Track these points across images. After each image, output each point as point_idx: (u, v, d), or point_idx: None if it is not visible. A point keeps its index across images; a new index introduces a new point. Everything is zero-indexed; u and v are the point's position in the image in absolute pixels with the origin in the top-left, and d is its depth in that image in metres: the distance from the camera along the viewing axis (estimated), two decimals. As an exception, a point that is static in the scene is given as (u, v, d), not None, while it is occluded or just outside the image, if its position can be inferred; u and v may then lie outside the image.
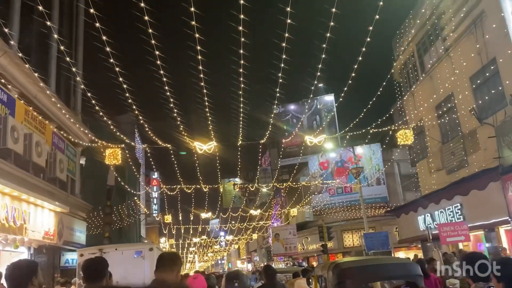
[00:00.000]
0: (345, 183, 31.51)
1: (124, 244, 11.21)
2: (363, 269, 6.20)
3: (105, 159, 11.56)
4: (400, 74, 21.85)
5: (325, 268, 6.70)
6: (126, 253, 8.25)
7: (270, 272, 6.37)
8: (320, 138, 11.42)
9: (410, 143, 13.46)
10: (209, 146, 11.21)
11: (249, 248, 60.73)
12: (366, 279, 6.37)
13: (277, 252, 33.01)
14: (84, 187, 22.61)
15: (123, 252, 8.25)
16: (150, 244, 8.31)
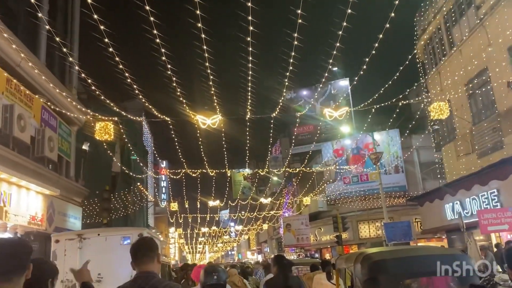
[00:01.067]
0: (361, 171, 29.91)
1: (109, 228, 9.78)
2: (402, 262, 4.65)
3: (96, 133, 10.18)
4: (424, 51, 20.10)
5: (350, 260, 5.24)
6: (111, 239, 6.87)
7: (283, 263, 5.42)
8: (341, 112, 9.88)
9: (445, 117, 11.85)
10: (213, 120, 9.78)
11: (259, 239, 59.53)
12: (405, 274, 4.84)
13: (289, 243, 31.60)
14: (87, 173, 21.53)
15: (107, 238, 6.86)
16: (140, 229, 6.96)
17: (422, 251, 5.64)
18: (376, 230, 28.15)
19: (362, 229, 28.93)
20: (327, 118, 10.12)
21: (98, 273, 6.47)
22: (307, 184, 31.22)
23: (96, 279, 6.47)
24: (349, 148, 29.87)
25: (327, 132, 34.68)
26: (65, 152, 14.10)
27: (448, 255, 4.87)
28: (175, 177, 19.28)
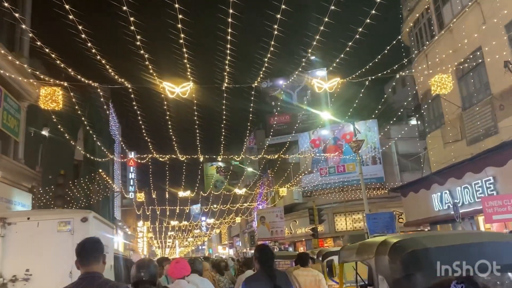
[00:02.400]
0: (338, 162, 28.95)
1: (43, 211, 7.96)
2: (451, 251, 3.24)
3: (40, 101, 8.44)
4: (410, 35, 19.10)
5: (367, 251, 3.78)
6: (45, 225, 5.24)
7: (266, 257, 4.35)
8: (332, 82, 8.54)
9: (448, 92, 10.73)
10: (184, 89, 8.28)
11: (231, 233, 58.20)
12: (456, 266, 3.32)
13: (262, 237, 30.26)
14: (47, 160, 19.62)
15: (40, 223, 5.23)
16: (83, 212, 5.38)
17: (477, 237, 3.94)
18: (353, 223, 27.27)
19: (339, 221, 27.98)
20: (316, 89, 8.77)
21: (26, 269, 4.93)
22: (283, 175, 30.04)
23: (23, 277, 4.91)
24: (326, 139, 28.83)
25: (304, 123, 33.55)
26: (12, 129, 12.25)
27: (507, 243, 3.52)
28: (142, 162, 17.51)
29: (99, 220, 5.61)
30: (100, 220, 5.64)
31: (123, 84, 8.17)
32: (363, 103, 23.53)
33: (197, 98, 8.98)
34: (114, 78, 8.11)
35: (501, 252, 3.11)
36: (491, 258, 3.04)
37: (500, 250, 3.16)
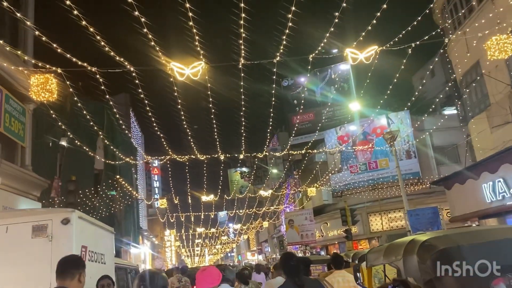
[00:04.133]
0: (369, 158, 27.28)
1: (13, 212, 6.55)
2: (487, 248, 2.93)
3: (31, 91, 7.37)
4: (442, 13, 17.47)
5: (395, 252, 3.50)
6: (15, 230, 4.03)
7: (291, 266, 3.97)
8: (369, 52, 7.18)
9: (509, 56, 9.16)
10: (195, 70, 7.08)
11: (259, 238, 56.84)
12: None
13: (292, 241, 28.85)
14: (66, 171, 19.12)
15: (9, 228, 4.03)
16: (63, 212, 4.16)
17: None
18: (390, 222, 25.50)
19: (373, 221, 26.26)
20: (350, 60, 7.42)
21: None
22: (310, 176, 28.56)
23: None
24: (355, 134, 27.22)
25: (329, 120, 32.04)
26: (16, 133, 11.32)
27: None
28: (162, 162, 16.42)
29: (88, 222, 4.41)
30: (89, 222, 4.44)
31: (124, 67, 7.04)
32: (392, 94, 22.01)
33: (210, 82, 7.79)
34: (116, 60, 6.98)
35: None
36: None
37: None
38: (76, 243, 3.97)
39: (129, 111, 39.89)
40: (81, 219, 4.19)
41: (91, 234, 4.40)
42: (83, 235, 4.17)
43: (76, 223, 4.04)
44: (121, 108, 37.82)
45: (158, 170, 52.87)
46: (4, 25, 10.82)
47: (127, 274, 6.09)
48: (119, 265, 5.70)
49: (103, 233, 4.91)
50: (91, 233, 4.40)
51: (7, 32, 10.90)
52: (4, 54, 9.25)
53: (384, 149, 26.03)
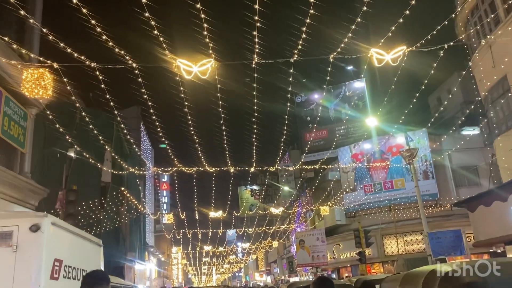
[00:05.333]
0: (384, 178, 26.27)
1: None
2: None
3: (22, 86, 6.73)
4: (466, 26, 16.73)
5: (410, 282, 3.21)
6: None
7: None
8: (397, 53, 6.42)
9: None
10: (203, 68, 6.42)
11: (268, 258, 55.44)
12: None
13: (303, 262, 27.70)
14: (73, 183, 18.73)
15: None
16: (33, 216, 3.49)
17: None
18: (405, 245, 24.29)
19: (388, 244, 25.07)
20: (375, 63, 6.69)
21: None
22: (322, 194, 27.61)
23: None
24: (369, 152, 26.29)
25: (343, 137, 31.17)
26: (15, 138, 10.74)
27: None
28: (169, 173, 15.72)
29: (65, 230, 3.66)
30: (66, 230, 3.69)
31: (127, 63, 6.41)
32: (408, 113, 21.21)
33: (220, 82, 7.11)
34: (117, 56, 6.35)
35: None
36: None
37: None
38: (47, 255, 3.24)
39: (139, 125, 39.54)
40: (56, 226, 3.45)
41: (69, 245, 3.65)
42: (58, 246, 3.43)
43: (48, 230, 3.31)
44: (132, 121, 37.55)
45: (167, 186, 52.20)
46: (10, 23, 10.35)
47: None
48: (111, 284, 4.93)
49: (87, 245, 4.15)
50: (68, 244, 3.65)
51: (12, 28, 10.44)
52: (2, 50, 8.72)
53: (400, 168, 25.06)
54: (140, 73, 6.74)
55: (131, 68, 6.62)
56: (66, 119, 20.06)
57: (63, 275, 3.44)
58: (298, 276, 34.41)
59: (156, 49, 6.70)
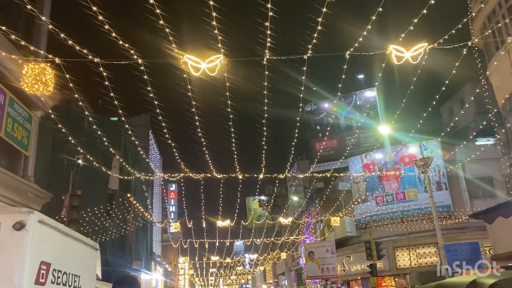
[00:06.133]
0: (396, 189, 25.66)
1: None
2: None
3: (22, 81, 6.43)
4: (483, 31, 16.29)
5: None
6: None
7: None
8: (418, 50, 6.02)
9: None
10: (212, 64, 6.08)
11: (276, 270, 54.60)
12: None
13: (312, 274, 27.06)
14: (79, 190, 18.61)
15: None
16: (19, 213, 3.15)
17: None
18: (418, 258, 23.56)
19: (400, 256, 24.35)
20: (394, 59, 6.28)
21: None
22: (333, 205, 27.04)
23: None
24: (381, 162, 25.74)
25: (354, 147, 30.63)
26: (19, 141, 10.46)
27: None
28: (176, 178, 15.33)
29: (55, 230, 3.27)
30: (57, 230, 3.30)
31: (132, 58, 6.10)
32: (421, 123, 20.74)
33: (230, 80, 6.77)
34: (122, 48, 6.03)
35: None
36: None
37: None
38: (33, 257, 2.87)
39: (148, 133, 39.35)
40: (44, 225, 3.08)
41: (59, 247, 3.27)
42: (45, 247, 3.05)
43: (34, 229, 2.93)
44: (141, 129, 37.37)
45: (175, 194, 51.84)
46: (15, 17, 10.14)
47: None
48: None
49: (81, 248, 3.76)
50: (58, 246, 3.26)
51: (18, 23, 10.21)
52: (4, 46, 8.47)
53: (412, 179, 24.50)
54: (146, 70, 6.42)
55: (136, 64, 6.31)
56: (74, 126, 19.93)
57: (51, 280, 3.05)
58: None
59: (163, 44, 6.39)
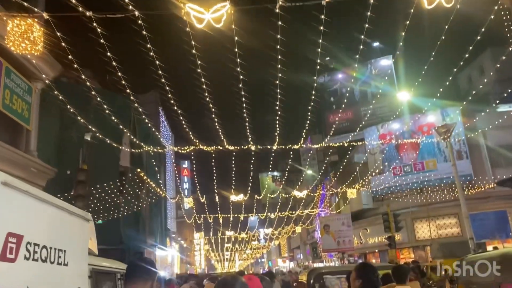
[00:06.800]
0: (414, 159, 24.84)
1: None
2: None
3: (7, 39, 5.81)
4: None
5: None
6: None
7: (375, 278, 3.66)
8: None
9: None
10: (217, 14, 5.38)
11: (291, 244, 54.69)
12: None
13: (328, 248, 26.62)
14: (90, 167, 18.36)
15: None
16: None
17: None
18: (438, 229, 22.92)
19: (419, 228, 23.77)
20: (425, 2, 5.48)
21: None
22: (348, 178, 26.34)
23: None
24: (398, 131, 24.86)
25: (369, 118, 29.69)
26: (19, 114, 9.95)
27: None
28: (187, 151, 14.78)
29: (28, 195, 2.65)
30: (30, 195, 2.69)
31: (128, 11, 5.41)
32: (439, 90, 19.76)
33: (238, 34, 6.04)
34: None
35: None
36: None
37: None
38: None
39: (158, 110, 38.85)
40: (10, 188, 2.49)
41: (35, 216, 2.68)
42: (14, 216, 2.45)
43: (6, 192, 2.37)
44: (151, 106, 36.82)
45: (188, 172, 51.74)
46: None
47: (116, 280, 4.36)
48: (100, 269, 3.97)
49: (65, 218, 3.16)
50: (34, 215, 2.68)
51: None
52: None
53: (432, 148, 23.68)
54: (144, 24, 5.71)
55: (134, 17, 5.61)
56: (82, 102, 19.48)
57: (24, 255, 2.46)
58: (324, 262, 33.44)
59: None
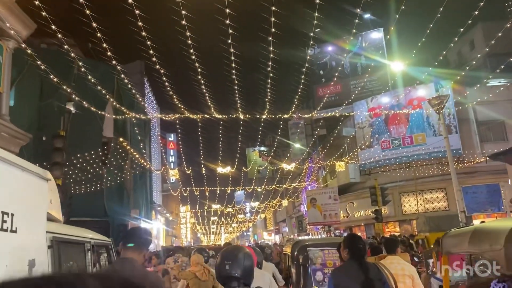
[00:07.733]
0: (403, 133, 24.62)
1: None
2: None
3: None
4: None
5: (486, 239, 2.98)
6: None
7: (359, 246, 3.73)
8: None
9: None
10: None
11: (276, 218, 54.93)
12: None
13: (314, 221, 26.55)
14: (72, 137, 17.70)
15: None
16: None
17: None
18: (425, 203, 22.95)
19: (406, 202, 23.77)
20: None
21: None
22: (336, 152, 26.08)
23: None
24: (388, 105, 24.53)
25: (359, 91, 29.28)
26: (-11, 74, 9.18)
27: None
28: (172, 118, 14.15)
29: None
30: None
31: None
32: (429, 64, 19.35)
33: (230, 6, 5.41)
34: None
35: None
36: None
37: None
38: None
39: (143, 80, 37.77)
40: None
41: None
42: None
43: None
44: (136, 76, 35.73)
45: (174, 145, 50.99)
46: None
47: (85, 251, 3.87)
48: (64, 238, 3.44)
49: (13, 174, 2.62)
50: None
51: None
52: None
53: (421, 122, 23.46)
54: None
55: None
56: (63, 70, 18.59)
57: None
58: (310, 234, 33.55)
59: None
